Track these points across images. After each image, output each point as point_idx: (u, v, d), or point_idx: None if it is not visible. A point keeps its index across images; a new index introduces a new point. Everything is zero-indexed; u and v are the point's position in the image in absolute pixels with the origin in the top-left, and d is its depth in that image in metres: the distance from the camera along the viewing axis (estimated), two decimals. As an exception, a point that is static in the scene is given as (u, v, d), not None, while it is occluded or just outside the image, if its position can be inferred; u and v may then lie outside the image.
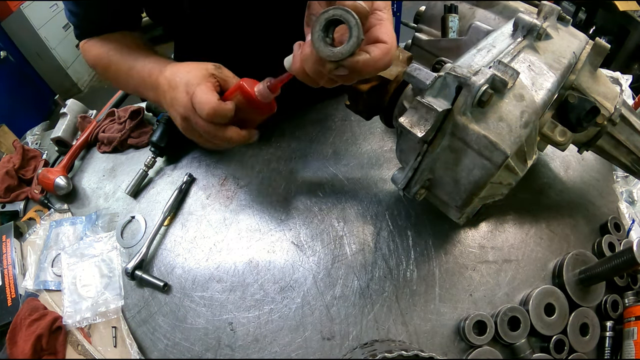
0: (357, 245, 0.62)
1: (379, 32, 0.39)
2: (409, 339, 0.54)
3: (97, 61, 0.68)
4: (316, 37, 0.37)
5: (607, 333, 0.52)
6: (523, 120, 0.43)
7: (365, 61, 0.37)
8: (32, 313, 0.61)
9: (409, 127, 0.43)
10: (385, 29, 0.39)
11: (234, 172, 0.75)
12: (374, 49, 0.38)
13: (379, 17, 0.40)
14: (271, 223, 0.67)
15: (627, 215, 0.64)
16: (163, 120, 0.78)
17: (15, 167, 0.83)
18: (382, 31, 0.39)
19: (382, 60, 0.38)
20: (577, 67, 0.52)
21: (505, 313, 0.51)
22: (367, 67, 0.38)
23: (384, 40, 0.39)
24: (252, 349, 0.55)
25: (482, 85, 0.40)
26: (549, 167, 0.70)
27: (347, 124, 0.79)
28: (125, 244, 0.69)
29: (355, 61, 0.37)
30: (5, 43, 2.65)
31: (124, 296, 0.63)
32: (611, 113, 0.53)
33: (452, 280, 0.57)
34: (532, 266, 0.58)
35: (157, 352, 0.57)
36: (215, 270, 0.63)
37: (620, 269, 0.50)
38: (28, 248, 0.72)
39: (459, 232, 0.62)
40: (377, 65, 0.38)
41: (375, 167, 0.72)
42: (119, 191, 0.77)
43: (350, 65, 0.37)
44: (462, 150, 0.44)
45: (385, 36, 0.39)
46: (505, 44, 0.49)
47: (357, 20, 0.35)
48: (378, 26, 0.39)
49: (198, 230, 0.69)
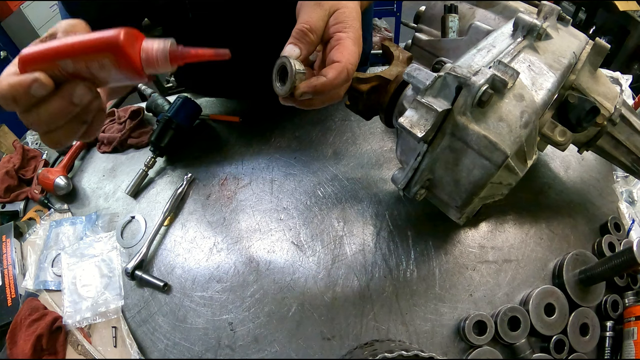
0: (357, 245, 0.62)
1: (334, 54, 0.44)
2: (409, 339, 0.54)
3: None
4: (273, 79, 0.46)
5: (607, 333, 0.52)
6: (523, 120, 0.43)
7: (323, 83, 0.42)
8: (32, 313, 0.61)
9: (409, 127, 0.43)
10: (341, 48, 0.44)
11: (234, 172, 0.75)
12: (329, 71, 0.43)
13: (338, 38, 0.45)
14: (271, 223, 0.67)
15: (627, 215, 0.64)
16: (163, 120, 0.78)
17: (15, 167, 0.83)
18: (337, 52, 0.44)
19: (338, 78, 0.43)
20: (577, 67, 0.52)
21: (505, 313, 0.51)
22: (326, 87, 0.43)
23: (338, 60, 0.43)
24: (252, 349, 0.55)
25: (482, 85, 0.40)
26: (549, 167, 0.70)
27: (347, 124, 0.79)
28: (125, 244, 0.69)
29: (313, 85, 0.42)
30: (5, 43, 2.65)
31: (124, 296, 0.63)
32: (611, 113, 0.53)
33: (452, 280, 0.57)
34: (532, 266, 0.58)
35: (157, 352, 0.57)
36: (215, 270, 0.63)
37: (620, 269, 0.50)
38: (28, 248, 0.72)
39: (459, 232, 0.62)
40: (334, 84, 0.43)
41: (375, 167, 0.72)
42: (119, 191, 0.77)
43: (311, 91, 0.43)
44: (462, 150, 0.44)
45: (339, 56, 0.43)
46: (505, 44, 0.49)
47: (292, 65, 0.42)
48: (335, 48, 0.44)
49: (198, 230, 0.68)
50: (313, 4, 0.45)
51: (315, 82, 0.43)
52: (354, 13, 0.46)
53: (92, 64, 0.34)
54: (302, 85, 0.43)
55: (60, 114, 0.36)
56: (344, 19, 0.45)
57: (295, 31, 0.45)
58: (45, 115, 0.36)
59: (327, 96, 0.46)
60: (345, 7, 0.46)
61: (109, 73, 0.35)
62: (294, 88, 0.43)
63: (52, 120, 0.36)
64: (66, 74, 0.35)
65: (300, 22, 0.45)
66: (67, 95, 0.35)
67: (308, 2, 0.45)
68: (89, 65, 0.34)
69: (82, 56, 0.34)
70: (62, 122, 0.37)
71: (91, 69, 0.34)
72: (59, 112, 0.36)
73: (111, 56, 0.33)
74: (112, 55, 0.33)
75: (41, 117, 0.36)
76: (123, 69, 0.34)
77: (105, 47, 0.33)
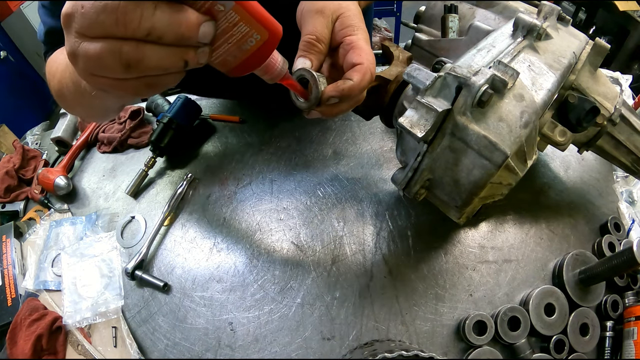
0: (357, 245, 0.62)
1: (353, 57, 0.43)
2: (409, 339, 0.54)
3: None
4: (292, 96, 0.45)
5: (607, 333, 0.52)
6: (523, 120, 0.43)
7: (350, 87, 0.42)
8: (32, 313, 0.61)
9: (409, 127, 0.43)
10: (358, 51, 0.43)
11: (234, 172, 0.75)
12: (354, 74, 0.42)
13: (349, 42, 0.44)
14: (271, 223, 0.67)
15: (627, 215, 0.64)
16: (163, 120, 0.78)
17: (15, 167, 0.83)
18: (355, 54, 0.43)
19: (364, 80, 0.42)
20: (577, 67, 0.52)
21: (505, 313, 0.51)
22: (353, 90, 0.42)
23: (359, 62, 0.43)
24: (252, 349, 0.55)
25: (482, 85, 0.40)
26: (549, 167, 0.70)
27: (347, 124, 0.79)
28: (125, 244, 0.69)
29: (341, 89, 0.42)
30: (5, 43, 2.65)
31: (124, 296, 0.63)
32: (611, 113, 0.53)
33: (452, 280, 0.57)
34: (532, 266, 0.58)
35: (157, 352, 0.57)
36: (215, 270, 0.63)
37: (620, 269, 0.50)
38: (28, 248, 0.72)
39: (459, 232, 0.62)
40: (361, 86, 0.42)
41: (375, 167, 0.72)
42: (119, 191, 0.77)
43: (338, 94, 0.42)
44: (462, 150, 0.44)
45: (359, 58, 0.43)
46: (505, 44, 0.49)
47: (313, 73, 0.41)
48: (351, 51, 0.44)
49: (198, 230, 0.69)
50: (315, 13, 0.45)
51: (343, 85, 0.42)
52: (358, 15, 0.46)
53: (238, 33, 0.31)
54: (328, 90, 0.42)
55: (168, 64, 0.29)
56: (350, 23, 0.45)
57: (303, 43, 0.44)
58: (155, 57, 0.28)
59: (353, 100, 0.45)
60: (348, 11, 0.45)
61: (238, 50, 0.32)
62: (322, 94, 0.42)
63: (158, 67, 0.28)
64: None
65: (306, 33, 0.44)
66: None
67: (309, 11, 0.45)
68: (234, 33, 0.31)
69: (247, 19, 0.30)
70: (156, 73, 0.29)
71: (231, 38, 0.31)
72: (169, 64, 0.29)
73: (265, 38, 0.32)
74: (267, 37, 0.32)
75: (152, 57, 0.28)
76: (258, 54, 0.33)
77: (270, 26, 0.32)
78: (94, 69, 0.28)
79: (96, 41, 0.26)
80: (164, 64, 0.28)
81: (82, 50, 0.27)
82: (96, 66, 0.28)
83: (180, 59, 0.29)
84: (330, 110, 0.45)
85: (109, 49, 0.26)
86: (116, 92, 0.31)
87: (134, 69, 0.28)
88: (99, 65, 0.28)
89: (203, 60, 0.31)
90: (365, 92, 0.47)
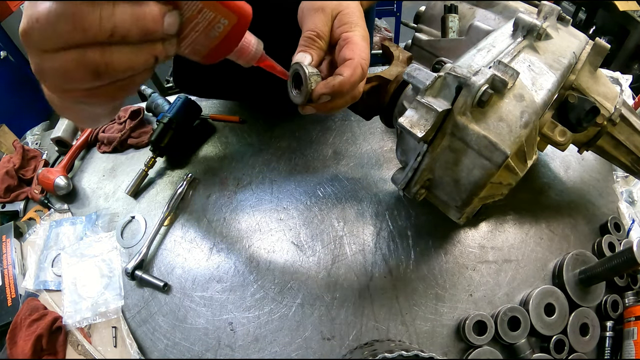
0: (357, 245, 0.62)
1: (345, 53, 0.43)
2: (409, 339, 0.54)
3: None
4: (288, 89, 0.45)
5: (607, 333, 0.52)
6: (523, 120, 0.43)
7: (340, 82, 0.42)
8: (32, 313, 0.61)
9: (409, 127, 0.43)
10: (351, 46, 0.43)
11: (234, 172, 0.75)
12: (344, 69, 0.42)
13: (345, 38, 0.44)
14: (271, 223, 0.67)
15: (627, 215, 0.64)
16: (163, 120, 0.78)
17: (15, 167, 0.83)
18: (348, 50, 0.43)
19: (354, 75, 0.42)
20: (577, 67, 0.52)
21: (505, 313, 0.51)
22: (344, 86, 0.42)
23: (350, 57, 0.43)
24: (252, 349, 0.55)
25: (482, 85, 0.40)
26: (549, 167, 0.70)
27: (347, 124, 0.79)
28: (125, 244, 0.69)
29: (331, 85, 0.42)
30: (5, 43, 2.65)
31: (124, 296, 0.63)
32: (611, 113, 0.53)
33: (452, 280, 0.57)
34: (532, 266, 0.58)
35: (157, 352, 0.57)
36: (215, 270, 0.63)
37: (620, 269, 0.50)
38: (28, 248, 0.72)
39: (459, 232, 0.62)
40: (352, 81, 0.42)
41: (375, 167, 0.72)
42: (119, 191, 0.77)
43: (329, 91, 0.42)
44: (462, 150, 0.44)
45: (350, 53, 0.43)
46: (505, 44, 0.49)
47: (305, 69, 0.42)
48: (345, 47, 0.44)
49: (198, 230, 0.68)
50: (315, 10, 0.45)
51: (332, 81, 0.42)
52: (357, 12, 0.46)
53: (204, 20, 0.30)
54: (319, 87, 0.42)
55: (138, 63, 0.27)
56: (348, 20, 0.45)
57: (303, 39, 0.44)
58: (124, 58, 0.26)
59: (347, 96, 0.45)
60: (348, 8, 0.46)
61: (206, 38, 0.31)
62: (312, 91, 0.42)
63: (129, 68, 0.27)
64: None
65: (307, 29, 0.45)
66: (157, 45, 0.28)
67: (310, 9, 0.45)
68: (199, 20, 0.30)
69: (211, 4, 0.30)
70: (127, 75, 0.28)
71: (197, 25, 0.30)
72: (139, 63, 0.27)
73: (233, 22, 0.32)
74: (235, 20, 0.32)
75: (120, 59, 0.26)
76: (228, 39, 0.33)
77: (237, 9, 0.31)
78: (63, 83, 0.27)
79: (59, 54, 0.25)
80: (134, 64, 0.27)
81: (47, 67, 0.26)
82: (64, 81, 0.26)
83: (149, 55, 0.28)
84: (324, 106, 0.44)
85: (73, 59, 0.25)
86: (92, 102, 0.29)
87: (104, 75, 0.26)
88: (67, 79, 0.26)
89: (171, 52, 0.30)
90: (360, 88, 0.47)
